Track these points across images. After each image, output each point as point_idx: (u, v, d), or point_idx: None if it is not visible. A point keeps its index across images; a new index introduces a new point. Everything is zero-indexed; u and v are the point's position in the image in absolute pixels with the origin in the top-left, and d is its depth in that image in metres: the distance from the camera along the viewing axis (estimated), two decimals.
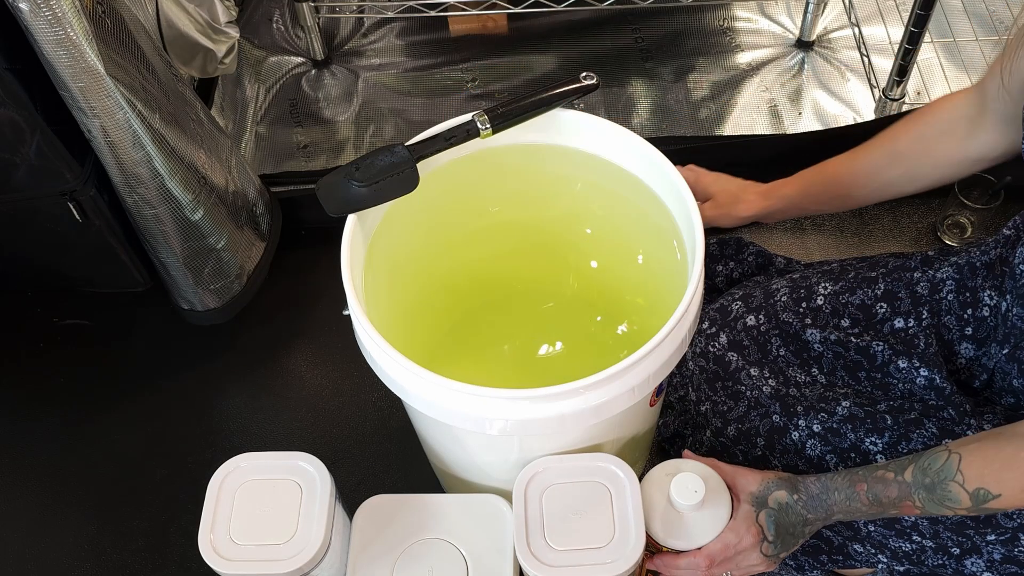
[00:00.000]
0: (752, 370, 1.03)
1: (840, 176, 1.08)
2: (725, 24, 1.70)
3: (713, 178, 1.18)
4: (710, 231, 1.45)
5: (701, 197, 1.17)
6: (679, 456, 1.22)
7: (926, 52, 1.59)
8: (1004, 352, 0.90)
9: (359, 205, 0.92)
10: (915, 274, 0.99)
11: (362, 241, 0.96)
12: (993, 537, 0.88)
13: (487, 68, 1.65)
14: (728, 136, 1.53)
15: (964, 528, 0.89)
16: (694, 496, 0.90)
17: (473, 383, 0.83)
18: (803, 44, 1.66)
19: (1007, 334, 0.89)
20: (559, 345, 1.23)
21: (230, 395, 1.36)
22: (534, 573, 0.89)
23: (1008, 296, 0.90)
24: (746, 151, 1.47)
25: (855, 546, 0.99)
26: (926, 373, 0.94)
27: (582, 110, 1.03)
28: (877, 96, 1.55)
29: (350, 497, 1.00)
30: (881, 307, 0.98)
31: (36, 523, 1.25)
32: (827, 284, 1.03)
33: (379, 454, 1.27)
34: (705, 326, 1.07)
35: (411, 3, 1.52)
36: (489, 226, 1.15)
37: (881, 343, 0.97)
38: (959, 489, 0.78)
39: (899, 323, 0.97)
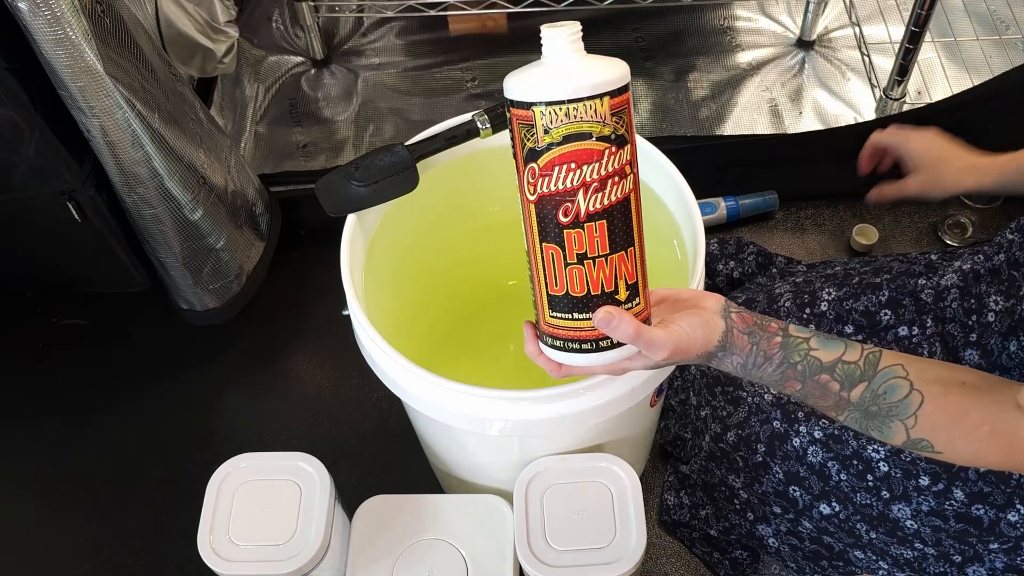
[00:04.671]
0: None
1: None
2: (725, 23, 1.70)
3: (923, 145, 1.09)
4: (710, 231, 1.45)
5: (909, 165, 1.10)
6: (681, 459, 1.22)
7: (927, 51, 1.59)
8: (1011, 349, 0.89)
9: (359, 205, 0.92)
10: (919, 280, 0.98)
11: (362, 241, 0.96)
12: (996, 546, 0.88)
13: (487, 68, 1.64)
14: (728, 136, 1.53)
15: (967, 536, 0.89)
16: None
17: (473, 383, 0.82)
18: (804, 43, 1.66)
19: (1012, 328, 0.89)
20: None
21: (229, 395, 1.35)
22: (535, 573, 0.88)
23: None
24: (746, 151, 1.47)
25: (856, 553, 0.98)
26: None
27: None
28: (878, 96, 1.55)
29: (350, 497, 1.00)
30: (885, 314, 0.98)
31: (36, 523, 1.25)
32: (831, 289, 1.02)
33: (379, 454, 1.27)
34: None
35: (411, 2, 1.52)
36: (489, 226, 1.15)
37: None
38: (901, 429, 0.70)
39: (903, 331, 0.97)
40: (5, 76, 1.02)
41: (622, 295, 0.64)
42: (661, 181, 0.98)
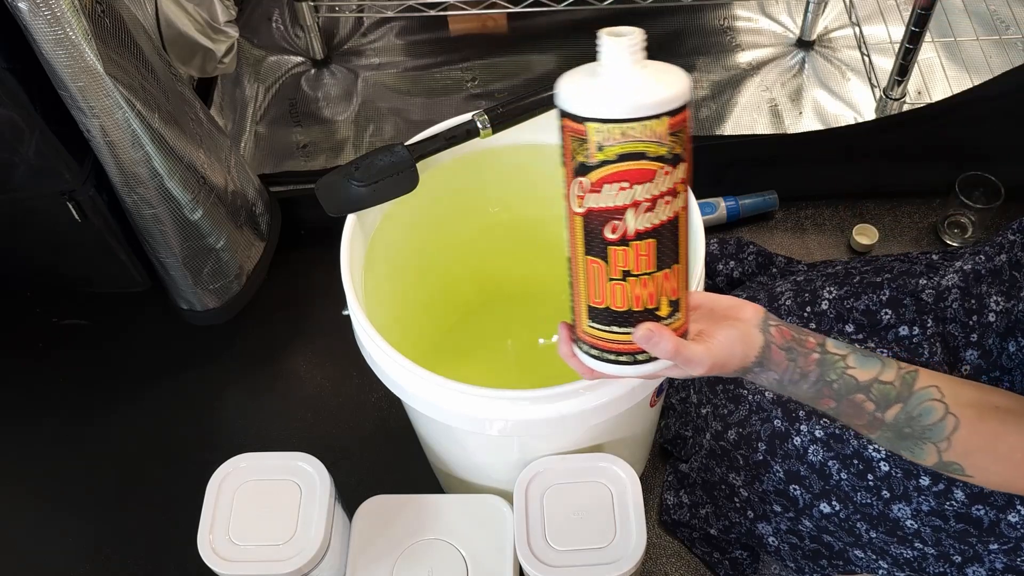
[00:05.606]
0: None
1: None
2: (725, 23, 1.70)
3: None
4: (710, 231, 1.45)
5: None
6: (681, 458, 1.22)
7: (927, 51, 1.58)
8: (1010, 350, 0.89)
9: (359, 205, 0.92)
10: (920, 280, 0.98)
11: (362, 241, 0.96)
12: (996, 546, 0.88)
13: (487, 68, 1.64)
14: (728, 136, 1.53)
15: (967, 536, 0.89)
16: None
17: (473, 383, 0.82)
18: (804, 43, 1.66)
19: (1010, 328, 0.89)
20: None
21: (229, 395, 1.35)
22: (535, 573, 0.88)
23: None
24: (746, 151, 1.47)
25: (856, 552, 0.98)
26: None
27: None
28: (878, 96, 1.55)
29: (350, 497, 1.00)
30: (886, 313, 0.98)
31: (36, 523, 1.25)
32: (832, 288, 1.02)
33: (379, 454, 1.27)
34: None
35: (411, 2, 1.52)
36: (489, 226, 1.15)
37: (885, 350, 0.97)
38: (933, 451, 0.69)
39: (904, 331, 0.97)
40: (5, 76, 1.02)
41: (663, 311, 0.62)
42: None
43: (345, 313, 0.90)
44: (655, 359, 0.64)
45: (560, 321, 0.69)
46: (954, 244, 1.43)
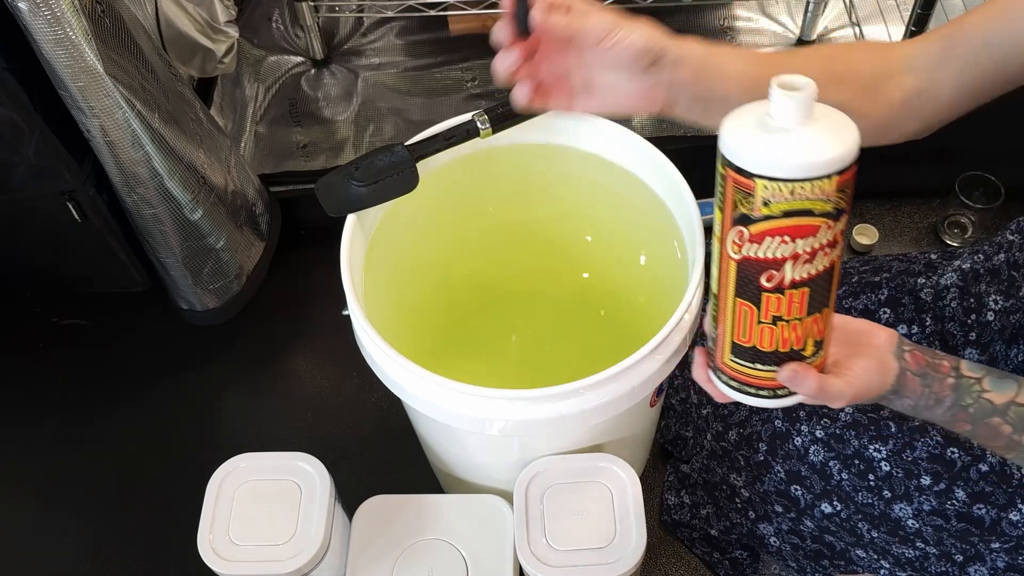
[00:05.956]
0: None
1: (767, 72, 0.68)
2: (725, 23, 1.70)
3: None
4: (710, 230, 1.44)
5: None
6: (681, 458, 1.22)
7: None
8: (1017, 358, 0.90)
9: (359, 205, 0.92)
10: (919, 279, 0.98)
11: (362, 241, 0.96)
12: (997, 545, 0.88)
13: (487, 68, 1.63)
14: None
15: (968, 535, 0.89)
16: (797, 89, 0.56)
17: (473, 383, 0.82)
18: (804, 43, 1.66)
19: (1015, 335, 0.89)
20: (559, 345, 1.23)
21: (229, 395, 1.35)
22: (535, 573, 0.88)
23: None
24: None
25: (857, 551, 0.98)
26: None
27: None
28: None
29: (350, 497, 1.00)
30: (884, 312, 0.98)
31: (36, 523, 1.25)
32: None
33: (379, 454, 1.27)
34: None
35: (411, 2, 1.52)
36: (489, 226, 1.14)
37: None
38: None
39: (902, 329, 0.97)
40: (5, 76, 1.02)
41: (808, 352, 0.62)
42: (661, 181, 0.98)
43: (345, 313, 0.90)
44: (794, 393, 0.65)
45: (696, 346, 0.70)
46: (954, 244, 1.43)
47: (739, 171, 0.55)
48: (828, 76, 0.59)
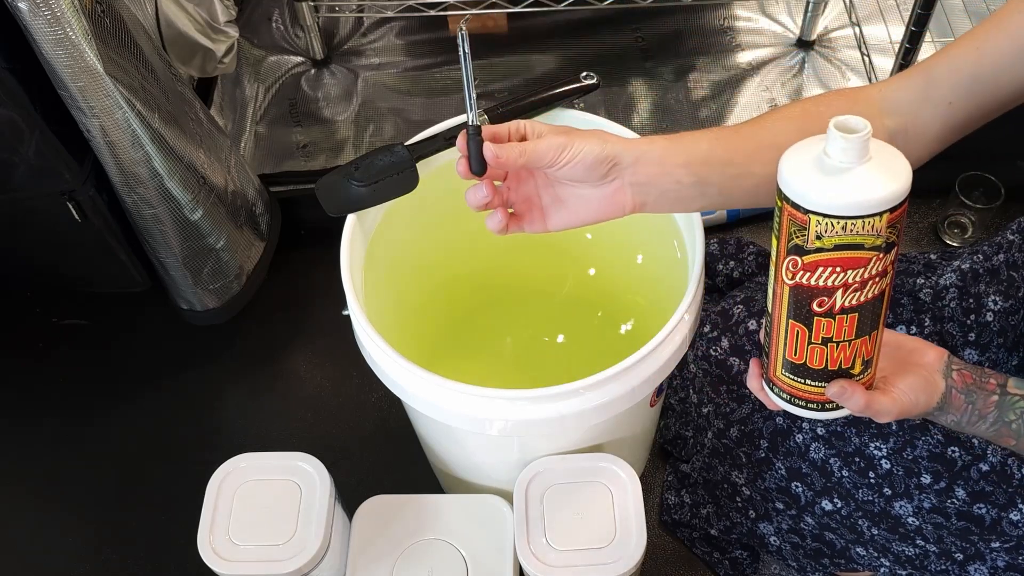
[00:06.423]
0: None
1: (739, 146, 0.74)
2: (725, 23, 1.70)
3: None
4: (710, 231, 1.45)
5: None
6: (681, 458, 1.22)
7: (927, 52, 1.58)
8: (1013, 363, 0.90)
9: (359, 205, 0.92)
10: (918, 280, 0.98)
11: (362, 241, 0.96)
12: (998, 544, 0.88)
13: (487, 68, 1.64)
14: None
15: (969, 534, 0.89)
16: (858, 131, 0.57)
17: (473, 383, 0.82)
18: (803, 43, 1.66)
19: (1016, 342, 0.89)
20: (559, 345, 1.23)
21: (229, 395, 1.35)
22: (535, 573, 0.88)
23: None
24: None
25: (857, 549, 0.98)
26: None
27: (582, 110, 1.03)
28: None
29: (350, 497, 1.00)
30: None
31: (36, 523, 1.25)
32: None
33: (379, 454, 1.27)
34: (707, 329, 1.07)
35: (411, 2, 1.52)
36: None
37: None
38: None
39: (901, 330, 0.97)
40: (5, 76, 1.02)
41: (856, 370, 0.65)
42: None
43: (345, 313, 0.90)
44: (841, 407, 0.67)
45: (752, 358, 0.73)
46: (954, 244, 1.43)
47: (794, 206, 0.58)
48: (805, 137, 0.61)
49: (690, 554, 1.17)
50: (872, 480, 0.91)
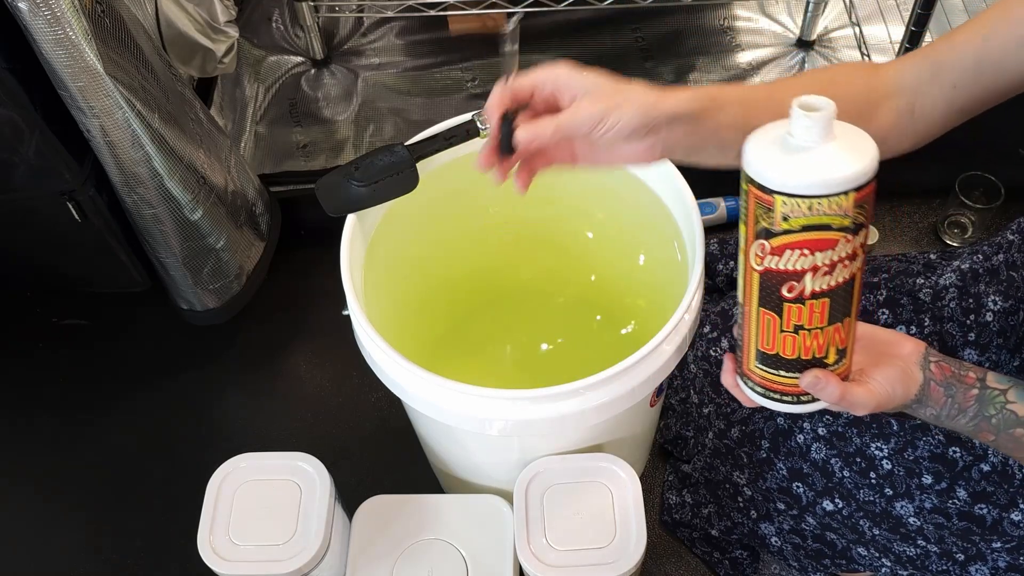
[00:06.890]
0: None
1: (759, 102, 0.75)
2: (725, 23, 1.70)
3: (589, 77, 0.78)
4: (710, 231, 1.45)
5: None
6: (682, 458, 1.22)
7: None
8: (1015, 364, 0.90)
9: (359, 205, 0.92)
10: (918, 280, 0.98)
11: (362, 241, 0.96)
12: (999, 544, 0.88)
13: (487, 68, 1.64)
14: None
15: (970, 534, 0.89)
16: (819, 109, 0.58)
17: (473, 383, 0.82)
18: (804, 43, 1.66)
19: (1018, 344, 0.89)
20: (559, 345, 1.23)
21: (229, 395, 1.35)
22: (535, 573, 0.88)
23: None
24: None
25: (859, 549, 0.98)
26: None
27: None
28: None
29: (350, 497, 1.00)
30: (883, 313, 0.98)
31: (36, 523, 1.25)
32: None
33: (379, 454, 1.27)
34: (707, 330, 1.07)
35: (411, 2, 1.52)
36: (489, 226, 1.15)
37: None
38: None
39: (901, 330, 0.97)
40: (5, 76, 1.02)
41: (831, 359, 0.64)
42: (661, 181, 0.98)
43: (345, 313, 0.90)
44: (817, 400, 0.66)
45: (727, 353, 0.72)
46: (954, 244, 1.43)
47: (760, 187, 0.58)
48: None
49: (690, 554, 1.17)
50: (873, 480, 0.91)
